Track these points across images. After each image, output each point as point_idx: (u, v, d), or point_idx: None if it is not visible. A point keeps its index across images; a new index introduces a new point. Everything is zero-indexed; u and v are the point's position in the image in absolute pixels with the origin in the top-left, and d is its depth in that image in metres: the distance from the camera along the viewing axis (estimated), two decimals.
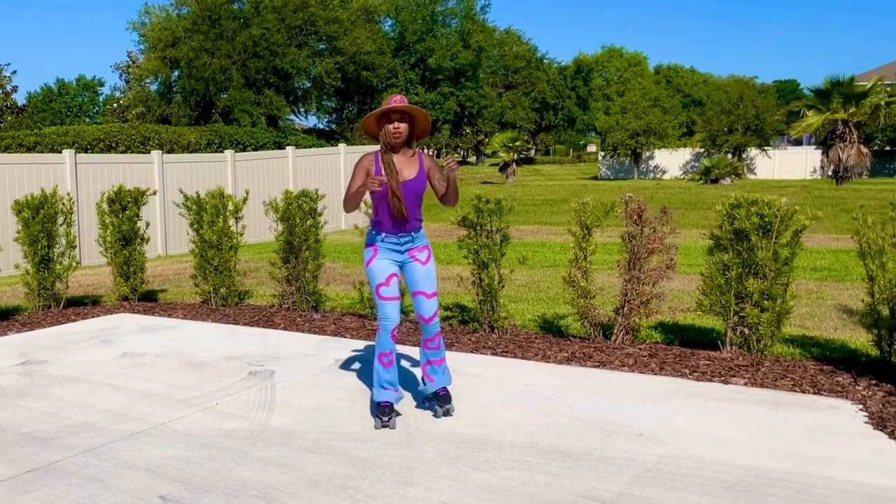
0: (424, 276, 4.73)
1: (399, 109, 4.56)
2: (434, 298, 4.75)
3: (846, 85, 33.89)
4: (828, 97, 34.13)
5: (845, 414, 4.78)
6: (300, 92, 44.08)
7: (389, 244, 4.71)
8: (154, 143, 19.93)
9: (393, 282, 4.68)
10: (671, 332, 6.83)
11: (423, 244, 4.79)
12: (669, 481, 3.82)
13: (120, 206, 9.16)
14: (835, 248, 12.95)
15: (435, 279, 4.79)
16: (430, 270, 4.75)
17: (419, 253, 4.74)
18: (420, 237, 4.78)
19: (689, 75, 77.26)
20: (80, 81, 73.81)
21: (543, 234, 16.58)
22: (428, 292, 4.73)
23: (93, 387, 5.67)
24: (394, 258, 4.73)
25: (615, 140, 47.77)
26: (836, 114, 33.64)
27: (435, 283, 4.78)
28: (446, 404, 4.81)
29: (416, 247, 4.75)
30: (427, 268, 4.74)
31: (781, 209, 5.81)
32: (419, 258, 4.74)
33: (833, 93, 33.82)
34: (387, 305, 4.66)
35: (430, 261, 4.76)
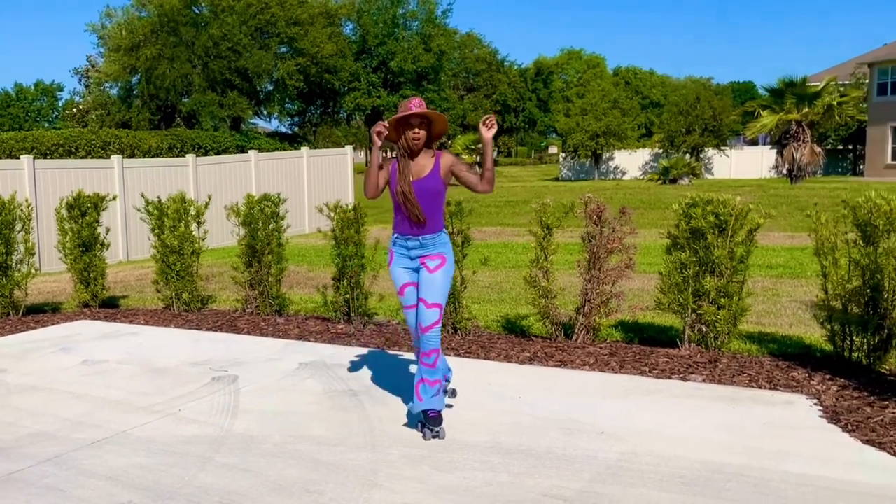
0: (427, 284, 4.54)
1: (419, 115, 4.46)
2: (434, 309, 4.50)
3: (799, 85, 34.54)
4: (782, 97, 34.74)
5: (800, 408, 4.90)
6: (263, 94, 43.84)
7: (401, 248, 4.67)
8: (115, 147, 19.68)
9: (408, 291, 4.67)
10: (631, 331, 6.93)
11: (437, 252, 4.58)
12: (629, 478, 3.89)
13: (79, 212, 9.05)
14: (790, 245, 13.20)
15: (440, 290, 4.54)
16: (436, 279, 4.53)
17: (430, 261, 4.57)
18: (432, 244, 4.58)
19: (647, 77, 78.10)
20: (39, 86, 72.54)
21: (506, 235, 16.67)
22: (428, 301, 4.51)
23: (53, 395, 5.61)
24: (406, 264, 4.67)
25: (576, 141, 48.10)
26: (789, 114, 34.26)
27: (438, 294, 4.52)
28: (436, 426, 4.51)
29: (427, 254, 4.58)
30: (432, 276, 4.53)
31: (736, 208, 5.93)
32: (428, 265, 4.57)
33: (787, 93, 34.45)
34: (406, 314, 4.74)
35: (438, 270, 4.54)
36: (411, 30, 56.47)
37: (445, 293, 4.59)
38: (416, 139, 4.50)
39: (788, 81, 34.53)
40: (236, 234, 8.38)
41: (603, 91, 51.42)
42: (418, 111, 4.45)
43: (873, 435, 4.37)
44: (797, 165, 34.03)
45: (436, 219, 4.60)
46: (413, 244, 4.61)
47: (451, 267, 4.64)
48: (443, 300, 4.57)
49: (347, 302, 7.67)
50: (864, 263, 5.49)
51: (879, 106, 39.11)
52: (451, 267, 4.65)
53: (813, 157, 34.21)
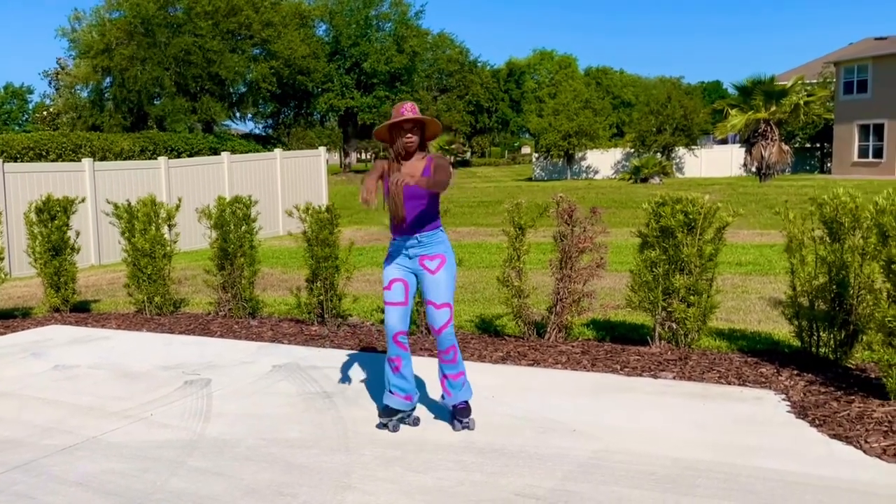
0: (432, 286, 4.56)
1: (411, 120, 4.48)
2: (444, 309, 4.54)
3: (767, 84, 34.92)
4: (750, 95, 35.08)
5: (769, 404, 4.96)
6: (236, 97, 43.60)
7: (398, 248, 4.66)
8: (86, 150, 19.48)
9: (396, 287, 4.63)
10: (602, 329, 6.99)
11: (436, 252, 4.59)
12: (602, 475, 3.92)
13: (49, 216, 8.96)
14: (759, 243, 13.36)
15: (446, 289, 4.57)
16: (440, 280, 4.55)
17: (429, 262, 4.58)
18: (430, 243, 4.59)
19: (618, 77, 78.61)
20: (8, 89, 71.66)
21: (479, 235, 16.71)
22: (437, 302, 4.54)
23: (22, 401, 5.55)
24: (404, 263, 4.65)
25: (548, 141, 48.30)
26: (758, 113, 34.62)
27: (446, 294, 4.56)
28: (465, 418, 4.65)
29: (426, 254, 4.58)
30: (435, 277, 4.55)
31: (705, 207, 6.00)
32: (428, 266, 4.58)
33: (755, 91, 34.79)
34: (387, 311, 4.66)
35: (440, 270, 4.56)
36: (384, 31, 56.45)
37: (452, 291, 4.63)
38: (410, 143, 4.54)
39: (756, 80, 34.89)
40: (208, 236, 8.33)
41: (575, 91, 51.68)
42: (411, 116, 4.47)
43: (840, 429, 4.44)
44: (766, 164, 34.39)
45: (431, 218, 4.62)
46: (411, 243, 4.60)
47: (452, 265, 4.66)
48: (451, 299, 4.61)
49: (321, 303, 7.66)
50: (830, 260, 5.57)
51: (846, 105, 39.68)
52: (453, 265, 4.68)
53: (781, 155, 34.59)
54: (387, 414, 4.71)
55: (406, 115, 4.48)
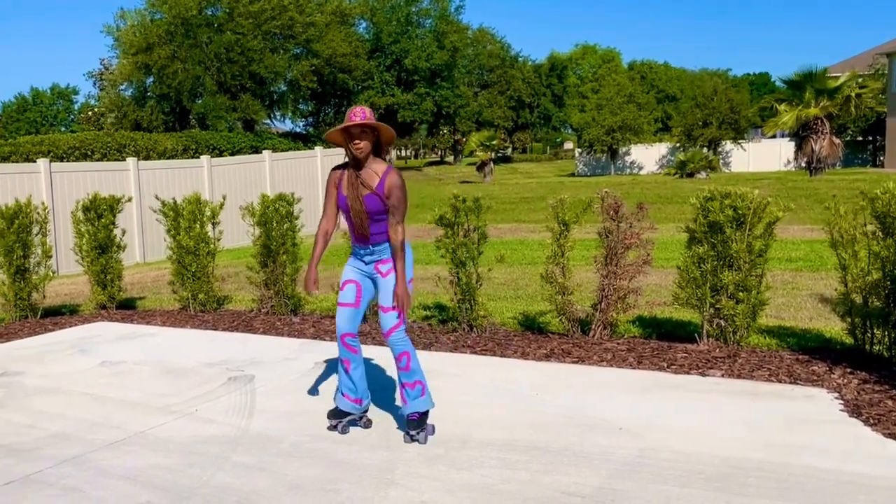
0: (382, 289, 4.54)
1: (358, 125, 4.40)
2: (391, 313, 4.48)
3: (818, 78, 34.12)
4: (800, 89, 34.34)
5: (821, 402, 4.84)
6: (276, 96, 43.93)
7: (357, 253, 4.65)
8: (130, 150, 19.79)
9: (348, 288, 4.62)
10: (649, 326, 6.88)
11: (387, 257, 4.55)
12: (648, 474, 3.85)
13: (95, 215, 9.09)
14: (809, 238, 13.08)
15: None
16: (389, 284, 4.50)
17: (382, 265, 4.57)
18: (383, 250, 4.53)
19: (662, 70, 77.66)
20: (55, 90, 73.17)
21: (521, 232, 16.63)
22: (385, 306, 4.49)
23: (71, 397, 5.63)
24: (360, 267, 4.65)
25: (591, 137, 47.97)
26: (808, 109, 33.89)
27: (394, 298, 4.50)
28: (413, 430, 4.48)
29: (380, 259, 4.57)
30: (385, 281, 4.52)
31: (754, 201, 5.87)
32: (380, 270, 4.57)
33: (805, 85, 34.05)
34: (338, 311, 4.64)
35: (389, 274, 4.51)
36: (424, 27, 56.46)
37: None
38: (358, 149, 4.41)
39: (806, 74, 34.09)
40: (251, 234, 8.39)
41: (618, 85, 51.25)
42: (356, 122, 4.37)
43: (895, 428, 4.31)
44: (816, 158, 33.66)
45: (380, 230, 4.51)
46: (365, 251, 4.58)
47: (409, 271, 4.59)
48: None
49: None
50: (883, 255, 5.42)
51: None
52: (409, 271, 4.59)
53: (832, 149, 33.84)
54: (335, 416, 4.66)
55: (356, 119, 4.37)
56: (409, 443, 4.47)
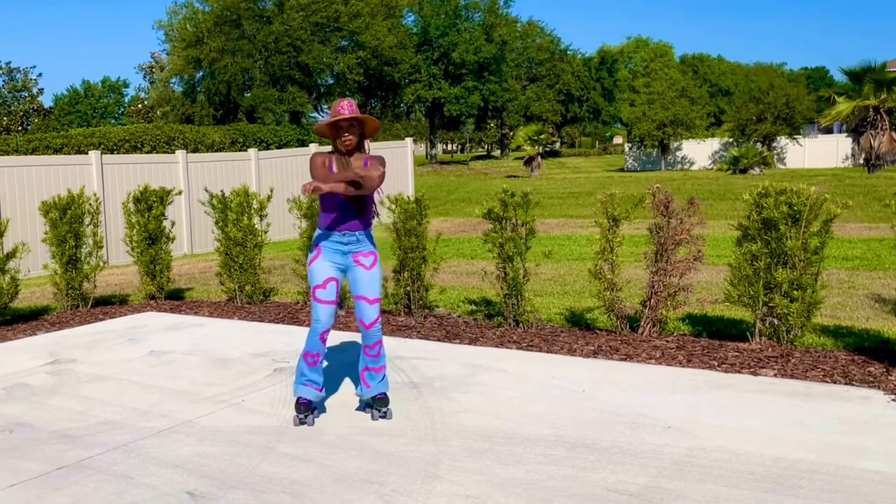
0: (368, 281, 4.65)
1: (347, 119, 4.51)
2: (376, 305, 4.65)
3: (878, 71, 33.25)
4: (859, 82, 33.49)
5: (877, 404, 4.70)
6: (323, 88, 44.24)
7: (334, 244, 4.66)
8: (179, 142, 20.08)
9: (330, 286, 4.64)
10: (699, 324, 6.76)
11: (369, 250, 4.70)
12: (697, 474, 3.77)
13: (146, 206, 9.23)
14: (867, 237, 12.74)
15: (379, 285, 4.70)
16: (375, 276, 4.66)
17: (364, 258, 4.66)
18: (366, 241, 4.69)
19: (715, 64, 76.42)
20: (106, 83, 74.62)
21: (569, 227, 16.49)
22: (370, 297, 4.64)
23: (121, 385, 5.72)
24: (336, 260, 4.67)
25: (641, 131, 47.43)
26: (866, 100, 33.06)
27: (378, 290, 4.68)
28: (383, 407, 4.73)
29: (361, 251, 4.66)
30: (371, 273, 4.66)
31: (811, 198, 5.72)
32: (363, 263, 4.65)
33: (864, 78, 33.19)
34: (320, 308, 4.63)
35: (374, 266, 4.67)
36: (472, 20, 56.27)
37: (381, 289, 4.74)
38: (347, 143, 4.57)
39: (866, 67, 33.25)
40: (298, 226, 8.44)
41: (670, 79, 50.54)
42: (345, 116, 4.48)
43: None
44: (875, 154, 32.80)
45: (368, 217, 4.70)
46: (350, 239, 4.64)
47: (379, 262, 4.76)
48: (381, 295, 4.73)
49: (408, 294, 7.65)
50: None
51: None
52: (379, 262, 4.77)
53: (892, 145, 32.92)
54: (305, 409, 4.72)
55: (343, 113, 4.50)
56: (377, 419, 4.72)
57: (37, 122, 44.61)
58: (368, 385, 4.75)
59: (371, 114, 51.57)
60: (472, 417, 4.70)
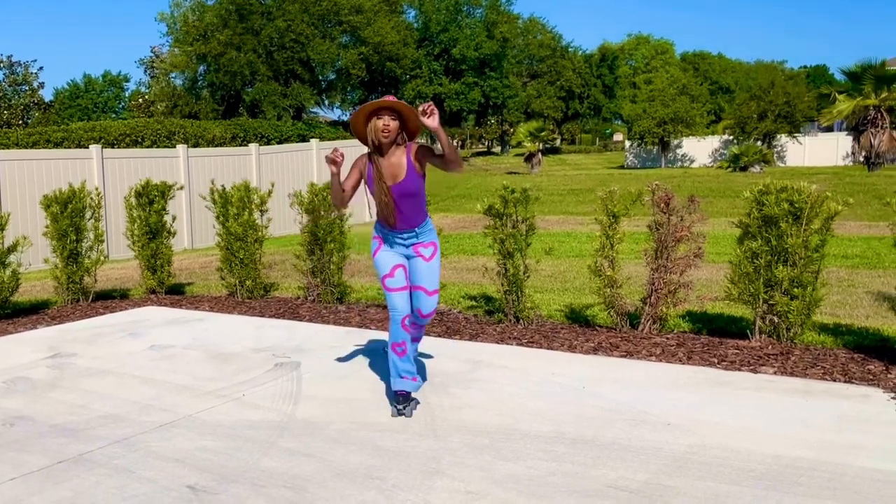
0: (427, 273, 4.66)
1: (389, 105, 4.44)
2: (435, 296, 4.68)
3: (878, 68, 33.23)
4: (859, 81, 33.46)
5: (877, 402, 4.71)
6: (325, 83, 44.25)
7: (393, 237, 4.69)
8: (179, 137, 20.06)
9: (398, 273, 4.67)
10: (699, 322, 6.77)
11: (429, 240, 4.70)
12: (697, 471, 3.78)
13: (147, 200, 9.23)
14: (867, 235, 12.75)
15: (437, 277, 4.71)
16: (433, 267, 4.67)
17: (424, 249, 4.67)
18: (424, 233, 4.68)
19: (716, 62, 76.38)
20: (106, 77, 74.48)
21: (569, 224, 16.50)
22: (429, 289, 4.66)
23: (122, 379, 5.73)
24: (399, 250, 4.71)
25: (642, 128, 47.38)
26: (867, 99, 33.03)
27: (437, 281, 4.70)
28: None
29: (420, 242, 4.67)
30: (430, 264, 4.66)
31: (812, 196, 5.72)
32: (423, 254, 4.66)
33: (864, 77, 33.17)
34: (393, 296, 4.66)
35: (433, 258, 4.67)
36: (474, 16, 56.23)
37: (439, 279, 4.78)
38: (386, 130, 4.43)
39: (866, 65, 33.21)
40: (299, 222, 8.44)
41: (671, 77, 50.53)
42: (387, 101, 4.44)
43: None
44: (875, 152, 32.80)
45: (418, 212, 4.64)
46: (407, 235, 4.65)
47: (439, 252, 4.78)
48: (439, 286, 4.78)
49: None
50: None
51: None
52: (439, 252, 4.79)
53: (892, 143, 32.91)
54: (403, 400, 4.74)
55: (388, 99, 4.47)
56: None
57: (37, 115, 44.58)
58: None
59: None
60: (473, 413, 4.71)
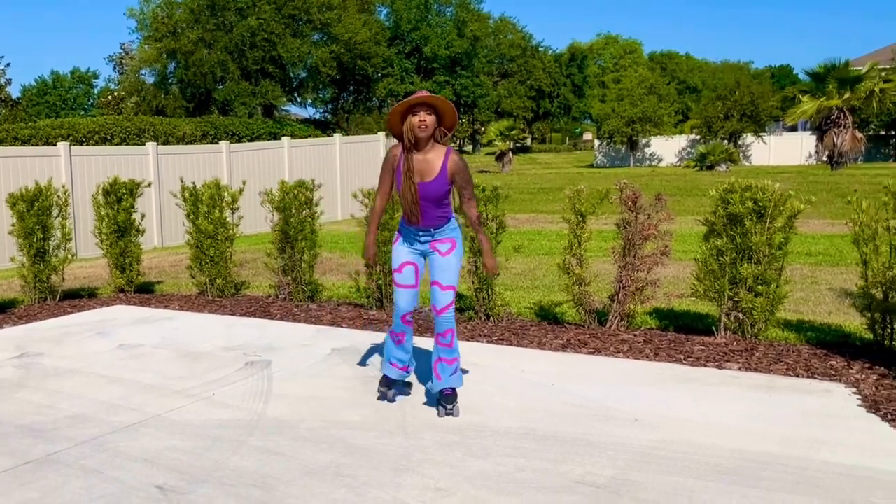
0: (442, 268, 4.64)
1: (425, 101, 4.43)
2: (449, 291, 4.62)
3: (841, 69, 33.75)
4: (823, 81, 33.99)
5: (839, 397, 4.81)
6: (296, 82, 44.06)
7: (410, 235, 4.73)
8: (149, 134, 19.87)
9: (406, 270, 4.72)
10: (666, 319, 6.86)
11: (448, 237, 4.67)
12: (663, 465, 3.84)
13: (115, 198, 9.15)
14: (829, 233, 12.97)
15: (454, 272, 4.66)
16: (450, 262, 4.64)
17: (441, 244, 4.66)
18: (443, 231, 4.66)
19: (683, 61, 77.10)
20: (75, 74, 73.53)
21: (539, 222, 16.59)
22: (443, 284, 4.62)
23: (89, 378, 5.68)
24: (415, 247, 4.74)
25: (611, 128, 47.67)
26: (830, 99, 33.54)
27: (453, 277, 4.65)
28: (450, 404, 4.68)
29: (437, 240, 4.68)
30: (446, 259, 4.64)
31: (775, 194, 5.83)
32: (439, 249, 4.66)
33: (828, 77, 33.71)
34: (398, 292, 4.76)
35: (450, 253, 4.65)
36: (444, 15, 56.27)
37: (458, 276, 4.73)
38: (422, 126, 4.43)
39: (830, 66, 33.75)
40: (270, 220, 8.41)
41: (639, 76, 50.87)
42: (423, 97, 4.44)
43: None
44: (838, 152, 33.34)
45: (442, 212, 4.65)
46: (423, 232, 4.68)
47: (461, 250, 4.75)
48: (456, 283, 4.71)
49: (380, 288, 7.68)
50: None
51: None
52: (461, 251, 4.76)
53: (854, 143, 33.49)
54: (386, 384, 4.92)
55: (422, 94, 4.47)
56: (443, 416, 4.65)
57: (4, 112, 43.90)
58: (440, 377, 4.70)
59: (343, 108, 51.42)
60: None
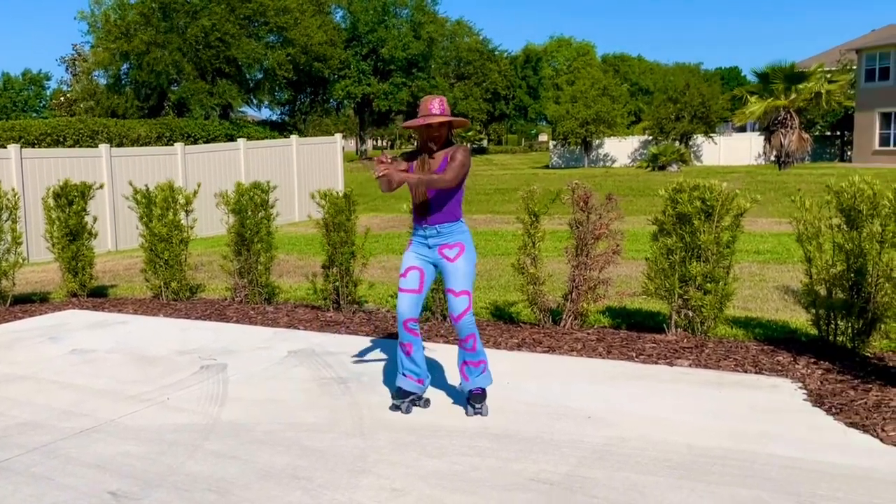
0: (452, 274, 4.63)
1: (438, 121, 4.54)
2: (463, 297, 4.60)
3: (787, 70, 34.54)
4: (770, 82, 34.74)
5: (785, 392, 4.94)
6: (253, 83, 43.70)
7: (419, 236, 4.74)
8: (103, 137, 19.57)
9: (411, 274, 4.70)
10: (618, 317, 6.97)
11: (455, 241, 4.65)
12: (616, 462, 3.92)
13: (66, 201, 9.01)
14: (777, 231, 13.26)
15: (466, 277, 4.62)
16: (459, 268, 4.61)
17: (448, 250, 4.64)
18: (449, 233, 4.65)
19: (636, 64, 78.06)
20: (26, 76, 72.07)
21: (495, 223, 16.68)
22: (456, 290, 4.60)
23: (41, 384, 5.61)
24: (423, 252, 4.73)
25: (565, 129, 48.04)
26: (777, 100, 34.27)
27: (465, 282, 4.62)
28: (478, 403, 4.70)
29: (445, 243, 4.65)
30: (455, 265, 4.62)
31: (722, 193, 5.96)
32: (447, 255, 4.64)
33: (775, 78, 34.44)
34: (400, 296, 4.72)
35: (458, 258, 4.62)
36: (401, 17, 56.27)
37: (471, 280, 4.68)
38: (437, 138, 4.62)
39: (776, 67, 34.52)
40: (225, 222, 8.36)
41: (592, 78, 51.32)
42: (436, 119, 4.52)
43: (857, 417, 4.41)
44: (785, 152, 34.08)
45: (451, 209, 4.66)
46: (430, 232, 4.67)
47: (472, 255, 4.70)
48: (470, 287, 4.65)
49: (337, 290, 7.68)
50: (848, 248, 5.53)
51: (867, 92, 39.25)
52: (473, 255, 4.72)
53: (801, 143, 34.27)
54: (399, 396, 4.81)
55: (434, 111, 4.55)
56: (472, 415, 4.67)
57: None
58: (468, 378, 4.73)
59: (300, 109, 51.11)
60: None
